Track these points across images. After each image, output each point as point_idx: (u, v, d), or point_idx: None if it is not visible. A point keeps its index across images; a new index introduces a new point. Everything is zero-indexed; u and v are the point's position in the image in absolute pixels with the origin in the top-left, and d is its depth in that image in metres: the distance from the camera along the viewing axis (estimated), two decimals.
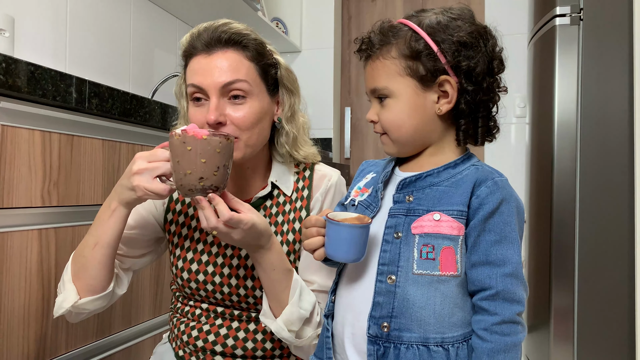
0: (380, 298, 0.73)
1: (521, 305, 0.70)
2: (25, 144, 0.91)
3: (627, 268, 1.80)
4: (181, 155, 0.77)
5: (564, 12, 1.91)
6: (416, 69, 0.73)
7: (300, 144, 1.01)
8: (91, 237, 0.87)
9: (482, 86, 0.75)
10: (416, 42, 0.73)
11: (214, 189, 0.79)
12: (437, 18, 0.75)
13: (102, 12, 1.86)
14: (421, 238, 0.72)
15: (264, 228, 0.84)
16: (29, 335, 0.94)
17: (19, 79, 0.88)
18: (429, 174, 0.76)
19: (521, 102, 2.69)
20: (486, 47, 0.75)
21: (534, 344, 2.10)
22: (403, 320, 0.72)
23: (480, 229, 0.71)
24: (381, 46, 0.76)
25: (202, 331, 0.97)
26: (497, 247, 0.71)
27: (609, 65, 1.85)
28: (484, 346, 0.69)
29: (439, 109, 0.75)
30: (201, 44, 0.90)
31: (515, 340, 0.69)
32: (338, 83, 3.05)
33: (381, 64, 0.76)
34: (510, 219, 0.71)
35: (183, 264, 0.97)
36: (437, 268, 0.71)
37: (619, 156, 1.83)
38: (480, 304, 0.71)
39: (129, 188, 0.82)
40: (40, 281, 0.96)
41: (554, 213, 1.93)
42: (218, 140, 0.78)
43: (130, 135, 1.19)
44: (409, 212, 0.74)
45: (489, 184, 0.72)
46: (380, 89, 0.76)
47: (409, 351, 0.71)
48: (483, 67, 0.74)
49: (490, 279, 0.70)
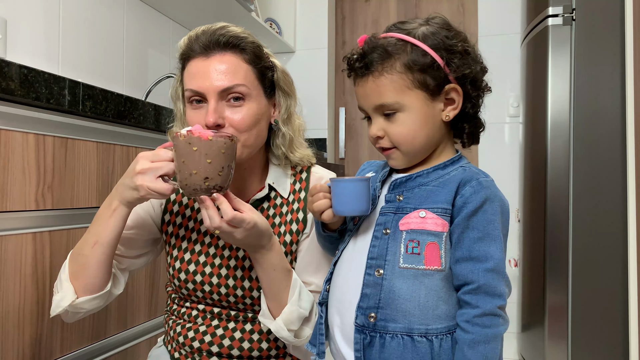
0: (368, 290, 0.77)
1: (502, 299, 0.73)
2: (19, 147, 0.91)
3: (620, 266, 1.81)
4: (187, 156, 0.78)
5: (556, 12, 1.93)
6: (424, 81, 0.77)
7: (296, 146, 1.02)
8: (91, 235, 0.87)
9: (481, 89, 0.80)
10: (422, 56, 0.76)
11: (218, 188, 0.81)
12: (429, 30, 0.78)
13: (95, 14, 1.85)
14: (407, 234, 0.76)
15: (265, 228, 0.85)
16: (23, 338, 0.94)
17: (12, 82, 0.88)
18: (419, 175, 0.81)
19: (515, 102, 2.70)
20: (475, 51, 0.81)
21: (529, 342, 2.11)
22: (389, 311, 0.75)
23: (464, 226, 0.75)
24: (382, 62, 0.77)
25: (199, 332, 0.97)
26: (479, 244, 0.74)
27: (601, 65, 1.87)
28: (465, 337, 0.72)
29: (447, 116, 0.79)
30: (199, 47, 0.91)
31: (495, 332, 0.72)
32: (332, 83, 3.06)
33: (387, 79, 0.77)
34: (494, 217, 0.75)
35: (180, 265, 0.97)
36: (422, 262, 0.75)
37: (611, 155, 1.84)
38: (463, 297, 0.74)
39: (132, 187, 0.82)
40: (35, 284, 0.96)
41: (547, 212, 1.94)
42: (223, 141, 0.80)
43: (125, 138, 1.18)
44: (398, 210, 0.79)
45: (473, 184, 0.75)
46: (390, 104, 0.77)
47: (394, 340, 0.75)
48: (480, 71, 0.80)
49: (473, 274, 0.73)
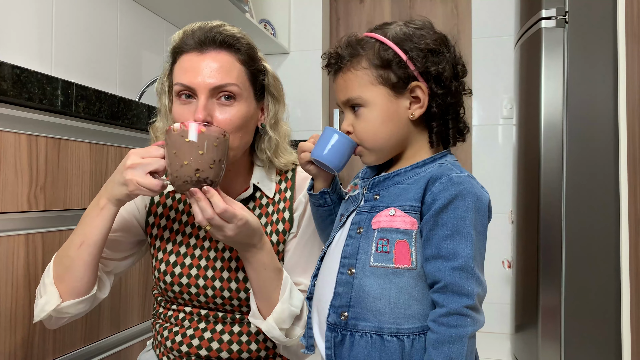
0: (340, 288, 0.77)
1: (470, 299, 0.70)
2: (11, 147, 0.90)
3: (613, 266, 1.82)
4: (179, 147, 0.79)
5: (549, 14, 1.94)
6: (387, 77, 0.77)
7: (281, 151, 1.02)
8: (77, 236, 0.86)
9: (450, 89, 0.79)
10: (385, 52, 0.77)
11: (209, 182, 0.81)
12: (401, 29, 0.79)
13: (88, 14, 1.84)
14: (378, 232, 0.76)
15: (256, 227, 0.85)
16: (15, 341, 0.93)
17: (5, 82, 0.87)
18: (396, 174, 0.80)
19: (508, 104, 2.72)
20: (449, 52, 0.80)
21: (522, 342, 2.12)
22: (359, 310, 0.75)
23: (433, 223, 0.73)
24: (351, 58, 0.79)
25: (186, 336, 0.96)
26: (448, 242, 0.72)
27: (594, 67, 1.88)
28: (431, 337, 0.71)
29: (412, 114, 0.79)
30: (194, 42, 0.90)
31: (461, 332, 0.70)
32: (327, 85, 3.06)
33: (353, 75, 0.79)
34: (465, 214, 0.73)
35: (165, 267, 0.97)
36: (392, 261, 0.75)
37: (604, 156, 1.85)
38: (432, 296, 0.73)
39: (121, 183, 0.82)
40: (27, 286, 0.95)
41: (541, 213, 1.95)
42: (216, 135, 0.80)
43: (118, 138, 1.18)
44: (372, 209, 0.79)
45: (443, 180, 0.74)
46: (354, 99, 0.79)
47: (363, 339, 0.75)
48: (449, 71, 0.79)
49: (440, 272, 0.72)
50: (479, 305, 0.72)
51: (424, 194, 0.75)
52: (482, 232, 0.75)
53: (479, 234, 0.74)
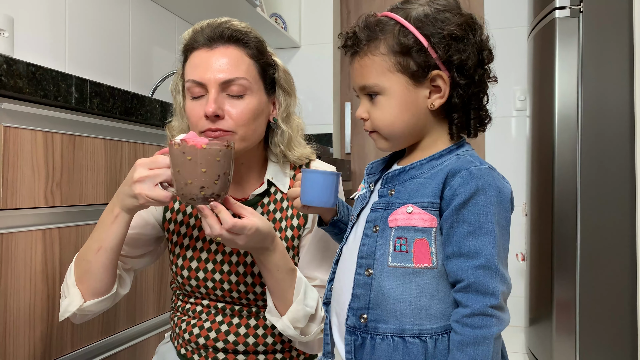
0: (359, 290, 0.74)
1: (495, 298, 0.67)
2: (27, 144, 0.91)
3: (628, 260, 1.80)
4: (181, 165, 0.77)
5: (563, 4, 1.91)
6: (407, 65, 0.72)
7: (294, 145, 1.02)
8: (94, 241, 0.87)
9: (474, 78, 0.74)
10: (405, 37, 0.72)
11: (215, 197, 0.79)
12: (424, 10, 0.73)
13: (101, 11, 1.86)
14: (396, 231, 0.72)
15: (267, 231, 0.85)
16: (34, 335, 0.95)
17: (20, 80, 0.88)
18: (412, 167, 0.76)
19: (521, 95, 2.69)
20: (475, 37, 0.74)
21: (536, 336, 2.11)
22: (379, 312, 0.72)
23: (453, 220, 0.70)
24: (368, 42, 0.74)
25: (203, 328, 0.97)
26: (470, 239, 0.69)
27: (609, 58, 1.85)
28: (454, 338, 0.68)
29: (432, 104, 0.74)
30: (203, 39, 0.91)
31: (486, 333, 0.67)
32: (338, 78, 3.05)
33: (370, 60, 0.74)
34: (487, 209, 0.69)
35: (183, 262, 0.98)
36: (411, 260, 0.71)
37: (619, 148, 1.83)
38: (455, 296, 0.70)
39: (131, 196, 0.82)
40: (45, 281, 0.97)
41: (555, 206, 1.93)
42: (218, 148, 0.78)
43: (132, 134, 1.19)
44: (388, 206, 0.75)
45: (463, 174, 0.70)
46: (371, 87, 0.75)
47: (384, 342, 0.72)
48: (474, 59, 0.73)
49: (462, 271, 0.69)
50: (504, 303, 0.69)
51: (443, 189, 0.71)
52: (505, 227, 0.71)
53: (502, 229, 0.70)
